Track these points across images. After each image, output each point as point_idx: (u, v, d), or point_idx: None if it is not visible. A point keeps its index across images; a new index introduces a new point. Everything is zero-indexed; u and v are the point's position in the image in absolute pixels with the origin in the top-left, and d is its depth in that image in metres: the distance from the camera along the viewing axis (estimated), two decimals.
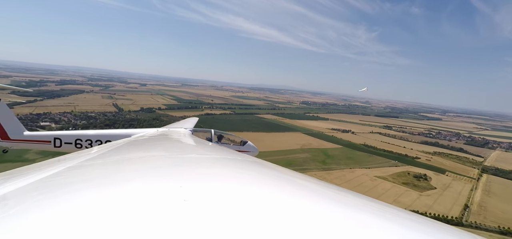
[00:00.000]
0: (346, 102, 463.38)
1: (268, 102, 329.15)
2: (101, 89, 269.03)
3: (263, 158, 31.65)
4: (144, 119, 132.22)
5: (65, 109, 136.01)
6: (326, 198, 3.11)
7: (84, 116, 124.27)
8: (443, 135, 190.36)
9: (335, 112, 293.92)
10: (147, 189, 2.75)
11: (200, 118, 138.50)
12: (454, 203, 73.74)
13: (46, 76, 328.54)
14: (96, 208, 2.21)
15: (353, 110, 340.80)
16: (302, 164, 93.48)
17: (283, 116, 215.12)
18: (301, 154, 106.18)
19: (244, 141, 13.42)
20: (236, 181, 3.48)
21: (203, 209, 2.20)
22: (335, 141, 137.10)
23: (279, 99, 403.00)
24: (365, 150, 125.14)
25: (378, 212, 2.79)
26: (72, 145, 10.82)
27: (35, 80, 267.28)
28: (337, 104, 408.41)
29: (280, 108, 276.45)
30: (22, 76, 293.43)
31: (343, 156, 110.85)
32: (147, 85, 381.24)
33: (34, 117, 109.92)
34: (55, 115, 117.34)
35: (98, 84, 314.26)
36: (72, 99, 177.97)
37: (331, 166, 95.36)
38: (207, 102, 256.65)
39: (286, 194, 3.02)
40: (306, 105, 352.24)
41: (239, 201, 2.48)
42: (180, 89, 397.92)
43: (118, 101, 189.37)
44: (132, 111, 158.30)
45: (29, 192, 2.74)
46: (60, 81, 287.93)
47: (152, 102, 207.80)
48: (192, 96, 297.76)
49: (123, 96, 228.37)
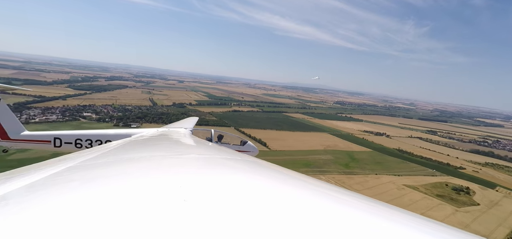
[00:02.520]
0: (386, 103, 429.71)
1: (299, 101, 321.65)
2: (143, 85, 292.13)
3: (281, 157, 31.18)
4: (173, 113, 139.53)
5: (107, 102, 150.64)
6: (326, 197, 3.17)
7: (122, 109, 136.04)
8: (502, 144, 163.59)
9: (372, 113, 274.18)
10: (147, 189, 2.76)
11: (227, 114, 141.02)
12: (500, 224, 62.38)
13: (99, 72, 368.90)
14: (96, 208, 2.21)
15: (394, 112, 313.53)
16: (322, 166, 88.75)
17: (312, 116, 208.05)
18: (323, 155, 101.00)
19: (244, 141, 13.25)
20: (235, 181, 3.48)
21: (203, 209, 2.20)
22: (364, 144, 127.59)
23: (312, 98, 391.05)
24: (397, 156, 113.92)
25: (373, 210, 2.79)
26: (72, 145, 10.82)
27: (89, 75, 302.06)
28: (376, 105, 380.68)
29: (311, 107, 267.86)
30: (80, 72, 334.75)
31: (371, 160, 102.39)
32: (184, 82, 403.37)
33: (80, 108, 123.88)
34: (97, 107, 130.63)
35: (141, 80, 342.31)
36: (116, 93, 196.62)
37: (354, 170, 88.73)
38: (237, 99, 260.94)
39: (285, 193, 3.07)
40: (340, 105, 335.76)
41: (238, 201, 2.49)
42: (214, 86, 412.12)
43: (155, 96, 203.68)
44: (165, 105, 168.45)
45: (29, 192, 2.74)
46: (109, 77, 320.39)
47: (185, 98, 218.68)
48: (223, 93, 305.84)
49: (160, 91, 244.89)
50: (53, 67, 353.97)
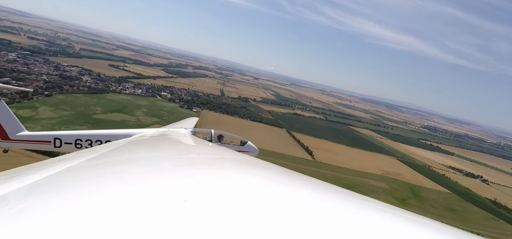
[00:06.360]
0: (500, 140, 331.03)
1: (375, 117, 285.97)
2: (221, 76, 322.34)
3: (320, 170, 33.51)
4: (233, 105, 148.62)
5: (185, 86, 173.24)
6: (325, 196, 3.26)
7: (193, 94, 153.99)
8: None
9: (474, 149, 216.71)
10: (147, 189, 2.81)
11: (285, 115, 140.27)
12: None
13: (191, 61, 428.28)
14: (96, 208, 2.23)
15: (509, 153, 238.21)
16: (367, 192, 76.32)
17: (384, 135, 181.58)
18: (375, 181, 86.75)
19: (244, 141, 13.29)
20: (235, 181, 3.56)
21: (203, 209, 2.22)
22: (442, 182, 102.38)
23: (393, 116, 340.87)
24: (488, 208, 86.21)
25: (376, 211, 2.84)
26: (72, 145, 10.85)
27: (182, 63, 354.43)
28: (482, 140, 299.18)
29: (387, 126, 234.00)
30: (177, 59, 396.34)
31: (442, 204, 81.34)
32: (259, 80, 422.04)
33: (161, 87, 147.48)
34: (175, 89, 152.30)
35: (222, 72, 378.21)
36: (196, 80, 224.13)
37: (410, 209, 72.56)
38: (303, 103, 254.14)
39: (285, 193, 3.16)
40: (429, 130, 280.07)
41: (238, 201, 2.52)
42: (286, 87, 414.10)
43: (226, 88, 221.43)
44: (230, 97, 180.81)
45: (29, 192, 2.80)
46: (197, 66, 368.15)
47: (252, 94, 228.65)
48: (292, 95, 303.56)
49: (233, 85, 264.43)
50: (159, 53, 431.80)
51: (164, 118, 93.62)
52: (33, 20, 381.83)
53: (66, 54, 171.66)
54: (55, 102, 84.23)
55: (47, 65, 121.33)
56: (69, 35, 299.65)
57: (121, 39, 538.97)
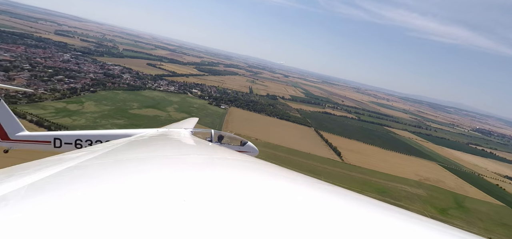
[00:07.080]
0: None
1: (417, 118, 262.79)
2: (251, 74, 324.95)
3: (349, 172, 40.34)
4: (260, 103, 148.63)
5: (215, 84, 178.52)
6: (326, 196, 3.38)
7: (222, 92, 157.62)
8: None
9: None
10: (147, 189, 2.84)
11: (314, 114, 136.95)
12: None
13: (222, 60, 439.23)
14: (96, 208, 2.25)
15: None
16: (401, 199, 70.26)
17: (426, 138, 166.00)
18: (410, 187, 79.42)
19: (244, 141, 13.28)
20: (235, 181, 3.61)
21: (203, 209, 2.25)
22: (493, 193, 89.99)
23: (438, 117, 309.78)
24: None
25: (375, 211, 2.92)
26: (72, 145, 10.83)
27: (214, 61, 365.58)
28: None
29: (430, 128, 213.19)
30: (209, 57, 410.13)
31: (492, 218, 71.39)
32: (289, 77, 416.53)
33: (193, 85, 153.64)
34: (205, 87, 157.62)
35: (252, 70, 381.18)
36: (226, 78, 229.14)
37: (452, 221, 65.01)
38: (335, 101, 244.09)
39: (284, 192, 3.23)
40: (482, 134, 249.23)
41: (238, 201, 2.56)
42: (317, 85, 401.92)
43: (254, 86, 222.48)
44: (259, 95, 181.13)
45: (29, 192, 2.81)
46: (228, 64, 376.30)
47: (281, 91, 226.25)
48: (323, 93, 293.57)
49: (262, 82, 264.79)
50: (193, 52, 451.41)
51: (193, 114, 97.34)
52: (86, 24, 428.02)
53: (111, 54, 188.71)
54: (98, 98, 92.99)
55: (94, 65, 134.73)
56: (115, 36, 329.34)
57: (159, 39, 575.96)
